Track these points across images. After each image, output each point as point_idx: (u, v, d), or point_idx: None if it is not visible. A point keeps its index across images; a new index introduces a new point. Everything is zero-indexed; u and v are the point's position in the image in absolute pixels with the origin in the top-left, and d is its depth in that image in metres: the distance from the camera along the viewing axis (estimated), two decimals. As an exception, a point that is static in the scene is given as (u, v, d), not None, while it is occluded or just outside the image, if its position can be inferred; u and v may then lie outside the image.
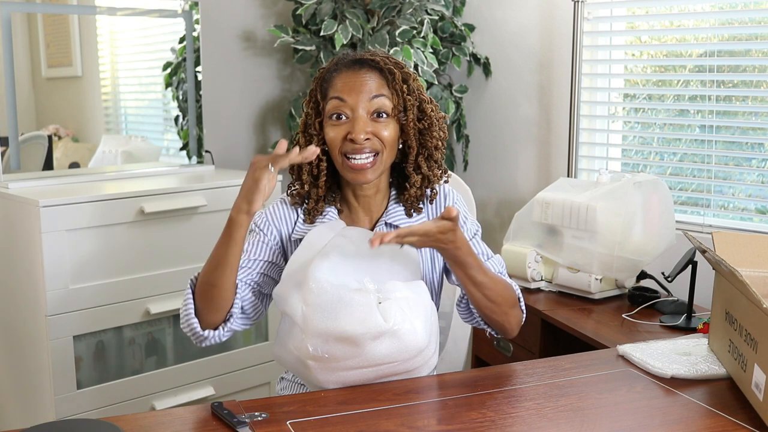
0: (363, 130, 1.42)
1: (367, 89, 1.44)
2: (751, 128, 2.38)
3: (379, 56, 1.48)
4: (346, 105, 1.44)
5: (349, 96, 1.44)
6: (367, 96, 1.44)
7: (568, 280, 2.28)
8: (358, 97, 1.43)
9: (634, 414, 1.33)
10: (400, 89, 1.46)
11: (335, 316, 1.36)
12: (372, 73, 1.46)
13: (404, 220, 1.55)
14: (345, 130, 1.44)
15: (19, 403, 2.42)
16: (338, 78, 1.46)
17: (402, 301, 1.38)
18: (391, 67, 1.46)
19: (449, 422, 1.29)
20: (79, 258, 2.23)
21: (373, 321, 1.34)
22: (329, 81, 1.47)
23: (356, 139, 1.42)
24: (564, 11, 2.72)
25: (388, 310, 1.36)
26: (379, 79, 1.46)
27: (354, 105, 1.43)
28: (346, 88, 1.44)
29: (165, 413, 1.35)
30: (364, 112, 1.44)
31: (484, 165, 3.11)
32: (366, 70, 1.46)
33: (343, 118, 1.45)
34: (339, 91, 1.45)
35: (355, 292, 1.37)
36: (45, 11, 2.64)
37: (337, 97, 1.44)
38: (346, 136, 1.44)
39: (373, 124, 1.44)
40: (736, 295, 1.41)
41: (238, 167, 3.09)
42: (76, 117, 2.73)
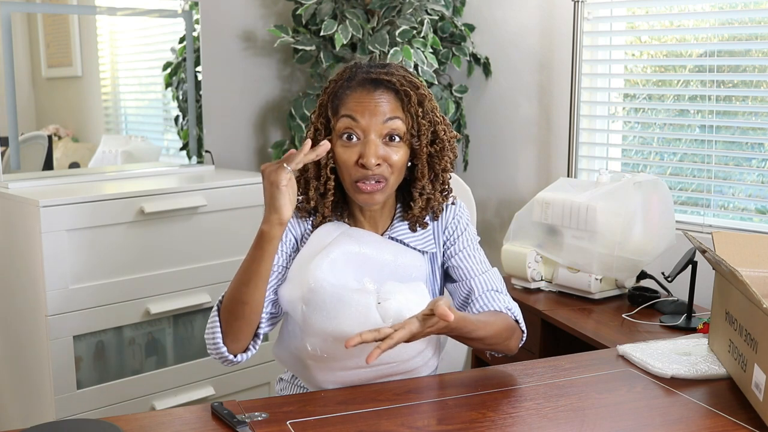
0: (375, 155, 1.38)
1: (381, 111, 1.38)
2: (751, 128, 2.38)
3: (396, 75, 1.41)
4: (358, 126, 1.39)
5: (362, 117, 1.38)
6: (381, 118, 1.38)
7: (568, 280, 2.28)
8: (371, 119, 1.38)
9: (634, 414, 1.33)
10: (414, 112, 1.41)
11: (334, 316, 1.36)
12: (387, 94, 1.40)
13: (408, 235, 1.52)
14: (356, 153, 1.39)
15: (19, 403, 2.42)
16: (351, 96, 1.40)
17: (401, 301, 1.38)
18: (408, 88, 1.40)
19: (449, 422, 1.29)
20: (79, 258, 2.23)
21: (371, 321, 1.34)
22: (341, 98, 1.42)
23: (367, 164, 1.37)
24: (564, 11, 2.72)
25: (387, 310, 1.36)
26: (394, 100, 1.40)
27: (366, 127, 1.38)
28: (359, 108, 1.38)
29: (165, 413, 1.35)
30: (377, 135, 1.39)
31: (484, 165, 3.11)
32: (381, 91, 1.40)
33: (354, 139, 1.40)
34: (352, 110, 1.39)
35: (354, 292, 1.37)
36: (45, 11, 2.64)
37: (349, 115, 1.39)
38: (357, 160, 1.39)
39: (385, 147, 1.40)
40: (736, 295, 1.41)
41: (238, 167, 3.09)
42: (76, 117, 2.73)
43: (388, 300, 1.37)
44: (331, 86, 1.44)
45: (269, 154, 3.13)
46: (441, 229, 1.57)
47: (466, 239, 1.57)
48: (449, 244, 1.57)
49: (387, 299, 1.38)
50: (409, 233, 1.52)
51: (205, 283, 2.49)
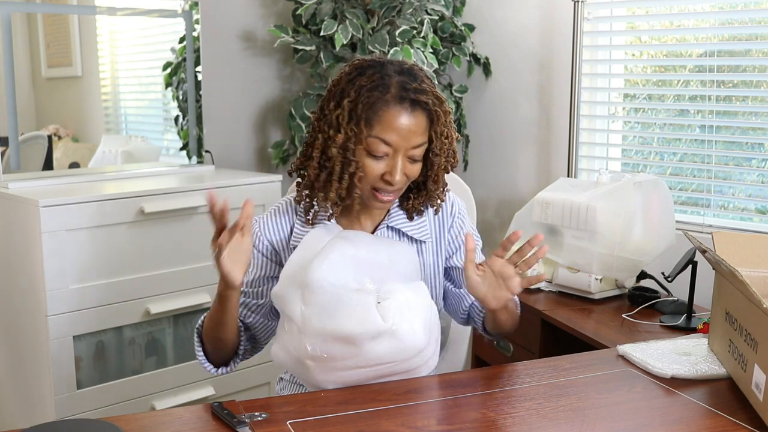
0: (401, 173, 1.43)
1: (413, 137, 1.42)
2: (751, 128, 2.38)
3: (429, 94, 1.43)
4: (390, 148, 1.42)
5: (397, 142, 1.41)
6: (412, 144, 1.43)
7: (568, 280, 2.28)
8: (404, 144, 1.42)
9: (634, 414, 1.33)
10: (440, 133, 1.46)
11: (334, 316, 1.36)
12: (421, 117, 1.43)
13: (406, 224, 1.57)
14: (383, 168, 1.43)
15: (19, 403, 2.42)
16: (387, 114, 1.40)
17: (401, 301, 1.38)
18: (438, 108, 1.44)
19: (449, 422, 1.29)
20: (79, 258, 2.23)
21: (371, 320, 1.34)
22: (376, 112, 1.40)
23: (393, 182, 1.43)
24: (564, 11, 2.72)
25: (387, 309, 1.36)
26: (424, 122, 1.44)
27: (398, 148, 1.42)
28: (395, 133, 1.41)
29: (165, 413, 1.35)
30: (404, 155, 1.43)
31: (484, 165, 3.11)
32: (417, 114, 1.42)
33: (383, 155, 1.43)
34: (386, 133, 1.41)
35: (354, 292, 1.38)
36: (45, 11, 2.64)
37: (384, 140, 1.41)
38: (383, 175, 1.43)
39: (408, 165, 1.45)
40: (736, 295, 1.41)
41: (238, 167, 3.09)
42: (76, 117, 2.73)
43: (387, 299, 1.37)
44: (364, 96, 1.41)
45: (269, 154, 3.13)
46: (441, 222, 1.61)
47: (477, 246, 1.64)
48: (454, 247, 1.62)
49: (386, 298, 1.38)
50: (406, 222, 1.57)
51: (205, 283, 2.49)
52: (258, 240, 1.56)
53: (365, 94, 1.40)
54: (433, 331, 1.46)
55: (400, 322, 1.36)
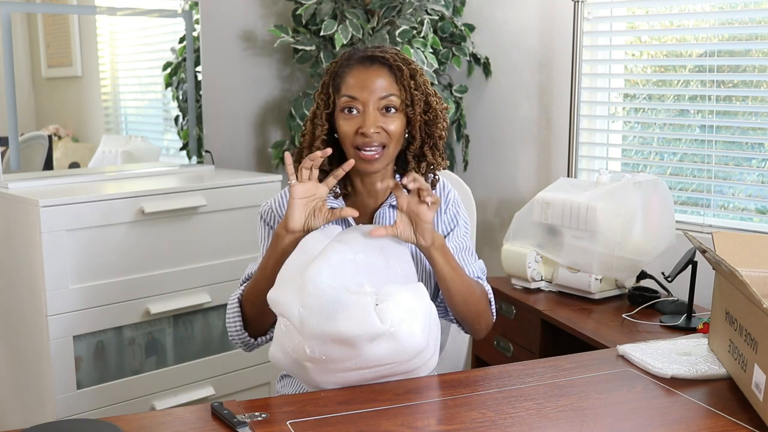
0: (373, 124, 1.51)
1: (377, 87, 1.52)
2: (751, 128, 2.38)
3: (389, 53, 1.55)
4: (357, 102, 1.52)
5: (361, 94, 1.52)
6: (378, 94, 1.52)
7: (568, 280, 2.28)
8: (369, 95, 1.51)
9: (634, 414, 1.33)
10: (408, 85, 1.53)
11: (332, 318, 1.35)
12: (382, 69, 1.53)
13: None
14: (356, 124, 1.52)
15: (19, 403, 2.42)
16: (350, 74, 1.53)
17: (400, 303, 1.38)
18: (400, 63, 1.53)
19: (449, 422, 1.29)
20: (79, 258, 2.23)
21: (369, 322, 1.34)
22: (342, 76, 1.54)
23: (367, 133, 1.50)
24: (564, 11, 2.72)
25: (385, 311, 1.35)
26: (388, 76, 1.53)
27: (365, 101, 1.51)
28: (357, 86, 1.52)
29: (165, 413, 1.35)
30: (374, 107, 1.52)
31: (484, 165, 3.11)
32: (376, 67, 1.53)
33: (355, 112, 1.53)
34: (351, 88, 1.52)
35: (353, 294, 1.37)
36: (45, 11, 2.64)
37: (349, 95, 1.52)
38: (357, 130, 1.52)
39: (382, 118, 1.52)
40: (736, 295, 1.41)
41: (238, 167, 3.09)
42: (76, 117, 2.74)
43: (386, 301, 1.37)
44: (332, 67, 1.57)
45: (269, 154, 3.13)
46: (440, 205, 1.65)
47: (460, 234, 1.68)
48: (448, 229, 1.67)
49: (385, 300, 1.37)
50: None
51: (205, 283, 2.49)
52: (270, 217, 1.63)
53: (332, 67, 1.58)
54: (433, 331, 1.46)
55: (399, 324, 1.36)
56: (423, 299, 1.44)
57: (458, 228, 1.67)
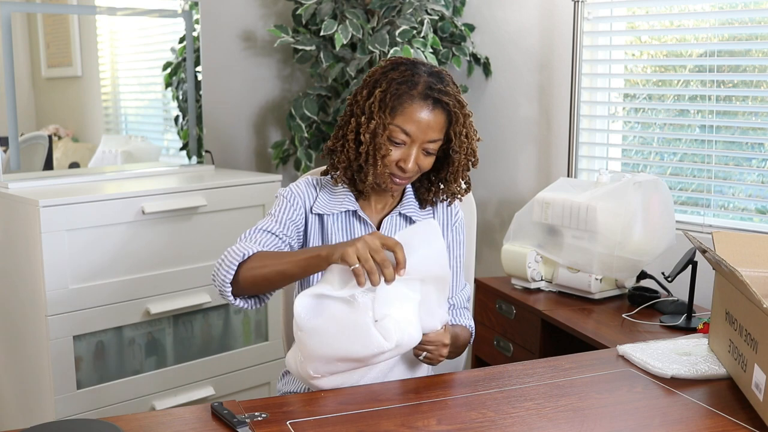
0: (414, 163, 1.54)
1: (430, 132, 1.53)
2: (751, 128, 2.38)
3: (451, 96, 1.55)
4: (408, 137, 1.53)
5: (415, 130, 1.52)
6: (428, 138, 1.53)
7: (568, 280, 2.28)
8: (420, 136, 1.53)
9: (634, 414, 1.33)
10: (458, 132, 1.57)
11: (334, 340, 1.34)
12: (441, 115, 1.54)
13: (416, 213, 1.66)
14: (399, 155, 1.53)
15: (19, 403, 2.42)
16: (411, 107, 1.52)
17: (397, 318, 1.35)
18: (458, 110, 1.55)
19: (449, 422, 1.29)
20: (79, 258, 2.23)
21: (374, 343, 1.33)
22: (402, 104, 1.52)
23: (406, 169, 1.54)
24: (564, 11, 2.72)
25: (387, 329, 1.33)
26: (444, 122, 1.55)
27: (414, 139, 1.53)
28: (413, 126, 1.52)
29: (165, 413, 1.35)
30: (419, 147, 1.54)
31: (484, 165, 3.08)
32: (437, 111, 1.53)
33: (400, 142, 1.53)
34: (407, 123, 1.52)
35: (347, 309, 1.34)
36: (45, 11, 2.64)
37: (403, 129, 1.52)
38: (398, 162, 1.54)
39: (422, 156, 1.55)
40: (736, 295, 1.41)
41: (238, 167, 3.09)
42: (76, 117, 2.74)
43: (385, 318, 1.34)
44: (394, 87, 1.53)
45: (269, 154, 3.13)
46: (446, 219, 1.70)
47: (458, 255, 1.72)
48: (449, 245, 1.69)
49: (384, 317, 1.34)
50: (416, 210, 1.66)
51: (205, 283, 2.49)
52: (292, 197, 1.62)
53: (395, 86, 1.53)
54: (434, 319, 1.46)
55: (402, 337, 1.35)
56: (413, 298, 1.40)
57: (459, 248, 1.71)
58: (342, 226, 1.62)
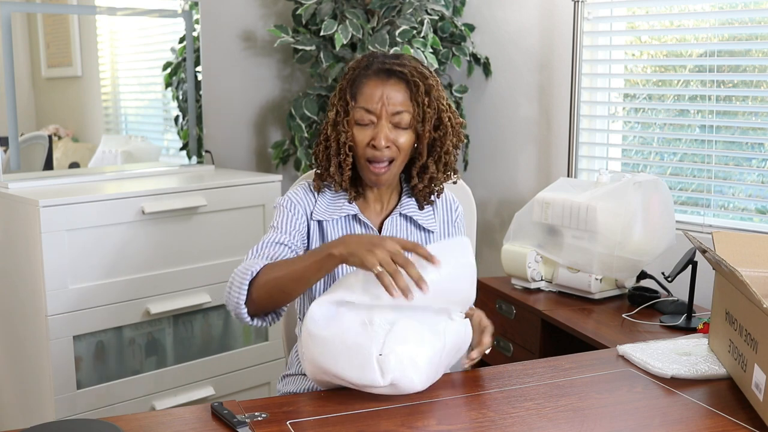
0: (385, 138, 1.53)
1: (392, 103, 1.53)
2: (751, 128, 2.38)
3: (408, 67, 1.55)
4: (372, 114, 1.54)
5: (375, 107, 1.53)
6: (391, 110, 1.53)
7: (568, 280, 2.28)
8: (383, 109, 1.53)
9: (634, 414, 1.33)
10: (421, 101, 1.54)
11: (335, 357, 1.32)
12: (399, 84, 1.54)
13: (417, 213, 1.64)
14: (369, 135, 1.54)
15: (19, 403, 2.42)
16: (367, 85, 1.54)
17: (403, 355, 1.32)
18: (417, 79, 1.54)
19: (449, 422, 1.29)
20: (79, 258, 2.23)
21: (369, 375, 1.31)
22: (359, 86, 1.55)
23: (378, 146, 1.53)
24: (564, 11, 2.72)
25: (387, 363, 1.30)
26: (404, 91, 1.54)
27: (379, 114, 1.53)
28: (373, 98, 1.53)
29: (165, 413, 1.35)
30: (387, 121, 1.54)
31: (484, 165, 3.11)
32: (393, 81, 1.54)
33: (368, 123, 1.54)
34: (366, 101, 1.53)
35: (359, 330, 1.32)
36: (45, 11, 2.64)
37: (364, 107, 1.54)
38: (369, 142, 1.54)
39: (394, 131, 1.54)
40: (737, 295, 1.41)
41: (238, 167, 3.09)
42: (76, 117, 2.74)
43: (391, 353, 1.31)
44: (350, 73, 1.58)
45: (269, 154, 3.13)
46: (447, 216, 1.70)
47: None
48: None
49: (390, 352, 1.31)
50: (417, 210, 1.65)
51: (205, 283, 2.49)
52: (292, 205, 1.61)
53: (351, 73, 1.58)
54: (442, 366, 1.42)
55: (400, 378, 1.32)
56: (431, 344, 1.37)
57: None
58: (342, 231, 1.60)
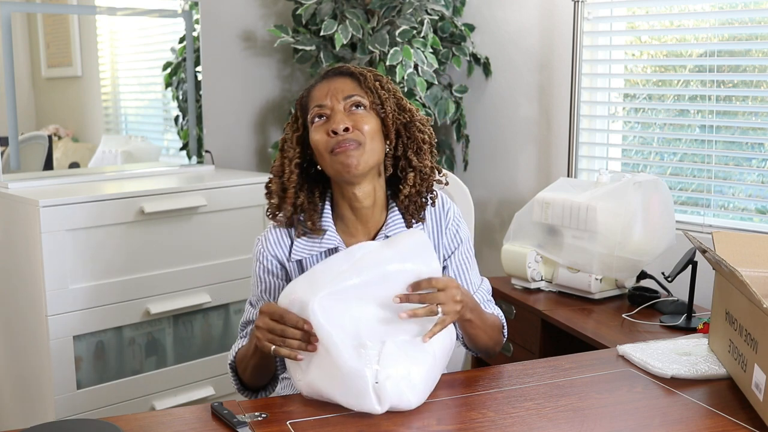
0: (342, 120, 1.46)
1: (341, 90, 1.49)
2: (751, 128, 2.38)
3: (353, 66, 1.55)
4: (324, 108, 1.48)
5: (326, 99, 1.49)
6: (342, 95, 1.49)
7: (568, 280, 2.28)
8: (334, 97, 1.48)
9: (634, 414, 1.33)
10: (372, 86, 1.51)
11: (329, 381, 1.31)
12: (345, 78, 1.52)
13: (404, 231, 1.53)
14: (327, 127, 1.47)
15: (19, 403, 2.42)
16: (314, 90, 1.52)
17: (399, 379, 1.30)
18: (362, 71, 1.53)
19: (449, 422, 1.29)
20: (79, 258, 2.23)
21: (368, 405, 1.29)
22: (307, 97, 1.53)
23: (336, 130, 1.44)
24: (564, 11, 2.72)
25: (384, 391, 1.28)
26: (351, 82, 1.51)
27: (332, 105, 1.48)
28: (321, 95, 1.50)
29: (165, 413, 1.35)
30: (342, 107, 1.48)
31: (484, 165, 3.11)
32: (339, 77, 1.52)
33: (324, 119, 1.49)
34: (316, 99, 1.50)
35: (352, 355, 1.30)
36: (45, 11, 2.64)
37: (316, 104, 1.50)
38: (328, 132, 1.46)
39: (352, 116, 1.47)
40: (736, 295, 1.41)
41: (238, 167, 3.09)
42: (76, 117, 2.74)
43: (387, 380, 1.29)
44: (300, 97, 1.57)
45: (269, 154, 3.13)
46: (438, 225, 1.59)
47: (464, 251, 1.62)
48: (449, 250, 1.60)
49: (387, 378, 1.29)
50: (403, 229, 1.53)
51: (205, 283, 2.49)
52: (264, 257, 1.55)
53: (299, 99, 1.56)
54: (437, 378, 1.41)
55: (398, 403, 1.31)
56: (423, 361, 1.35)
57: (462, 245, 1.61)
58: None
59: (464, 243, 1.61)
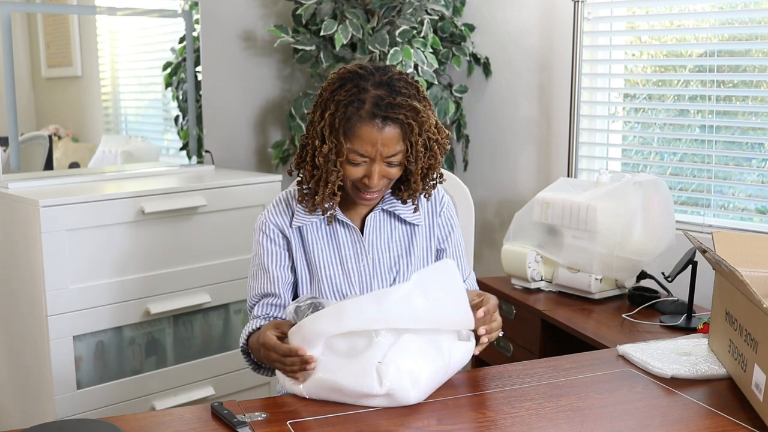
0: (378, 182, 1.53)
1: (386, 148, 1.50)
2: (751, 128, 2.38)
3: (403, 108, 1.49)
4: (365, 157, 1.51)
5: (371, 151, 1.50)
6: (386, 153, 1.50)
7: (568, 280, 2.28)
8: (377, 155, 1.50)
9: (634, 414, 1.33)
10: (414, 141, 1.52)
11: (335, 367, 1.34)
12: (394, 127, 1.49)
13: (399, 207, 1.64)
14: (362, 172, 1.52)
15: (19, 403, 2.42)
16: (362, 129, 1.48)
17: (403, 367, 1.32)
18: (411, 121, 1.50)
19: (449, 422, 1.29)
20: (79, 258, 2.23)
21: (367, 383, 1.31)
22: (351, 128, 1.49)
23: (371, 185, 1.53)
24: (564, 11, 2.72)
25: (385, 373, 1.31)
26: (398, 133, 1.50)
27: (373, 157, 1.51)
28: (367, 146, 1.49)
29: (165, 413, 1.35)
30: (380, 162, 1.51)
31: (484, 165, 3.11)
32: (389, 126, 1.49)
33: (360, 162, 1.52)
34: (361, 146, 1.49)
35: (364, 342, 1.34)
36: (45, 11, 2.64)
37: (358, 152, 1.50)
38: (362, 178, 1.53)
39: (386, 169, 1.53)
40: (736, 295, 1.41)
41: (238, 167, 3.09)
42: (76, 117, 2.74)
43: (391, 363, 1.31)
44: (341, 109, 1.49)
45: (269, 154, 3.13)
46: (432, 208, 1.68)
47: (458, 239, 1.72)
48: (445, 233, 1.70)
49: (390, 362, 1.32)
50: (399, 205, 1.64)
51: (205, 283, 2.49)
52: (267, 228, 1.63)
53: (342, 109, 1.49)
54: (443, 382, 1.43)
55: (397, 388, 1.32)
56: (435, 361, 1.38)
57: (455, 233, 1.71)
58: (324, 233, 1.61)
59: (456, 231, 1.71)
